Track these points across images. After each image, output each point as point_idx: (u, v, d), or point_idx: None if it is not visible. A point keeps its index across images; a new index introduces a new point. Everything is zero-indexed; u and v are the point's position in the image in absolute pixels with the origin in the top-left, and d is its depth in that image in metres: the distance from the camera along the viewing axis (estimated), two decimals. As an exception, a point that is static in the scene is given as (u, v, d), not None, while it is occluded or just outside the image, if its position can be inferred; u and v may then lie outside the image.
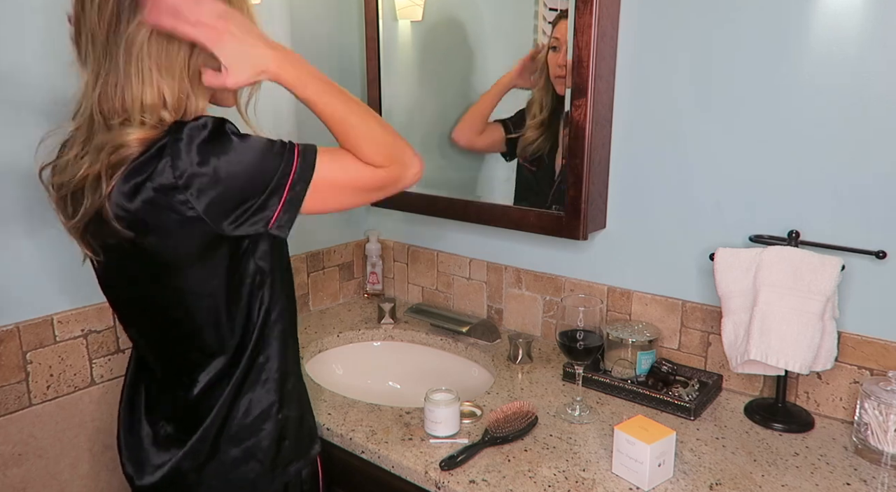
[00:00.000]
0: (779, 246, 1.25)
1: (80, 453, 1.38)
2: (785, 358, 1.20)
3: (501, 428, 1.19)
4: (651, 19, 1.36)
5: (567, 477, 1.09)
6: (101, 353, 1.38)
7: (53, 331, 1.31)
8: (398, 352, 1.70)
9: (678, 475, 1.09)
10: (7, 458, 1.27)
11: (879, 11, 1.13)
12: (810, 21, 1.20)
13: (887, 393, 1.12)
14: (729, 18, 1.27)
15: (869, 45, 1.15)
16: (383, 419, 1.28)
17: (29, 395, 1.29)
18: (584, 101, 1.36)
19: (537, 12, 1.47)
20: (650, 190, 1.43)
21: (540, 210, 1.49)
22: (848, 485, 1.08)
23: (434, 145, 1.74)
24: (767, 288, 1.23)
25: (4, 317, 1.25)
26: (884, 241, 1.19)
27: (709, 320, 1.40)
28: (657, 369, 1.38)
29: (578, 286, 1.56)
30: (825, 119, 1.21)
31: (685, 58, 1.33)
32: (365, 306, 1.87)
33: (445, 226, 1.76)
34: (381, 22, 1.70)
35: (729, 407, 1.32)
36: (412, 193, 1.73)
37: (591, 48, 1.33)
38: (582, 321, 1.24)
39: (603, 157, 1.44)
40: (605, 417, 1.29)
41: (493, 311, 1.73)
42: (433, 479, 1.10)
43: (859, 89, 1.17)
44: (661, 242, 1.44)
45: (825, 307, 1.19)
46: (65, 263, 1.30)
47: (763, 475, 1.10)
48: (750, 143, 1.29)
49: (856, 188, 1.20)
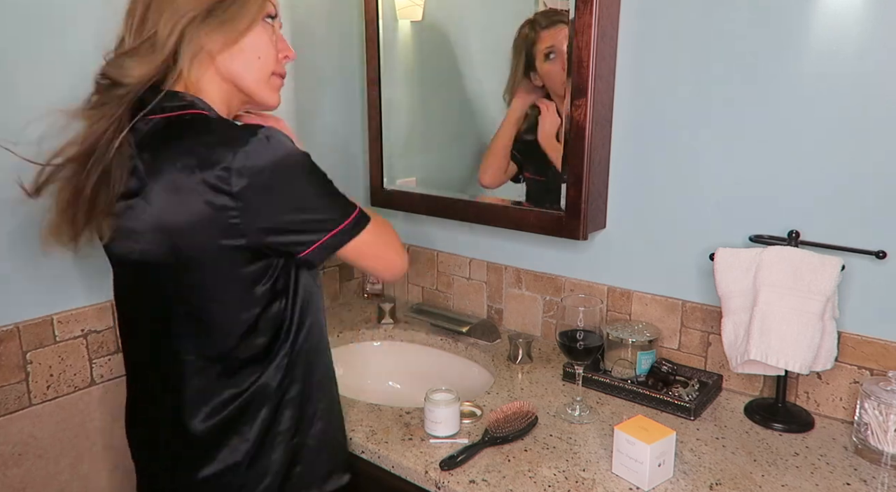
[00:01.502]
0: (779, 246, 1.25)
1: (80, 453, 1.38)
2: (785, 358, 1.20)
3: (501, 428, 1.19)
4: (651, 19, 1.36)
5: (567, 477, 1.09)
6: (101, 353, 1.38)
7: (53, 331, 1.31)
8: (398, 352, 1.70)
9: (678, 475, 1.09)
10: (7, 458, 1.27)
11: (880, 10, 1.14)
12: (811, 20, 1.20)
13: (887, 393, 1.12)
14: (728, 18, 1.27)
15: (869, 45, 1.15)
16: (383, 419, 1.28)
17: (29, 395, 1.29)
18: (584, 101, 1.36)
19: (536, 12, 1.47)
20: (650, 190, 1.43)
21: (540, 210, 1.49)
22: (848, 485, 1.08)
23: (434, 145, 1.74)
24: (767, 288, 1.23)
25: (4, 317, 1.25)
26: (884, 241, 1.19)
27: (709, 320, 1.40)
28: (657, 369, 1.38)
29: (578, 286, 1.56)
30: (825, 119, 1.21)
31: (685, 58, 1.33)
32: (365, 306, 1.87)
33: (445, 226, 1.76)
34: (381, 22, 1.70)
35: (729, 407, 1.32)
36: (412, 193, 1.73)
37: (591, 48, 1.33)
38: (582, 321, 1.24)
39: (603, 157, 1.44)
40: (605, 417, 1.29)
41: (493, 311, 1.73)
42: (433, 479, 1.10)
43: (859, 89, 1.17)
44: (661, 242, 1.44)
45: (825, 307, 1.19)
46: (65, 263, 1.30)
47: (763, 475, 1.10)
48: (750, 142, 1.29)
49: (856, 188, 1.20)
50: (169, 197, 0.89)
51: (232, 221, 0.89)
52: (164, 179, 0.89)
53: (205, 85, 0.97)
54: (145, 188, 0.90)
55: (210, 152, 0.88)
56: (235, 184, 0.87)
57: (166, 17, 0.91)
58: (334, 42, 1.79)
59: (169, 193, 0.89)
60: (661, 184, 1.41)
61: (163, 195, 0.89)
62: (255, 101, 1.03)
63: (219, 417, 0.97)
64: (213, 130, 0.92)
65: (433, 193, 1.69)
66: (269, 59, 1.00)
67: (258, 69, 1.00)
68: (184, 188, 0.88)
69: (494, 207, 1.57)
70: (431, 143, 1.74)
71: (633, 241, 1.48)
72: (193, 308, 0.96)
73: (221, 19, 0.94)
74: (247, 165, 0.87)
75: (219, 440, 0.98)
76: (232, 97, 1.01)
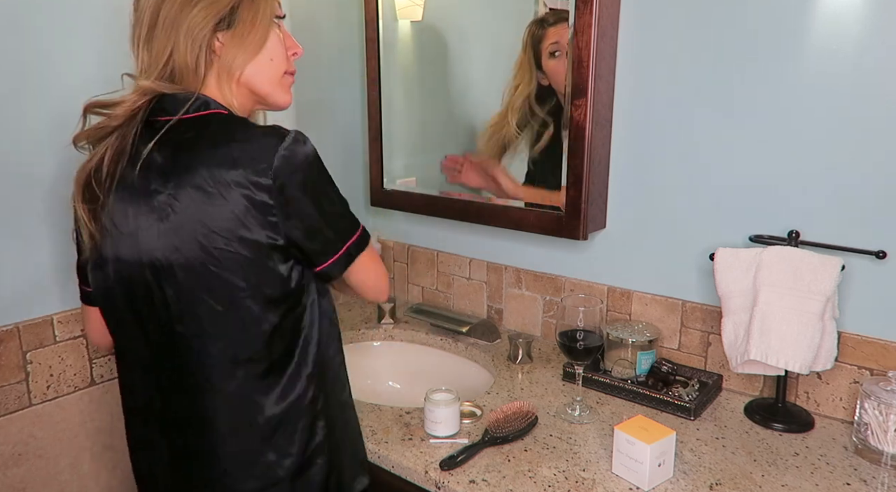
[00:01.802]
0: (779, 246, 1.25)
1: (80, 453, 1.38)
2: (785, 358, 1.20)
3: (501, 428, 1.19)
4: (651, 19, 1.36)
5: (567, 477, 1.09)
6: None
7: (53, 331, 1.31)
8: (398, 352, 1.70)
9: (678, 475, 1.09)
10: (7, 458, 1.27)
11: (880, 10, 1.13)
12: (811, 20, 1.20)
13: (887, 393, 1.12)
14: (728, 19, 1.27)
15: (869, 44, 1.15)
16: (383, 419, 1.28)
17: (29, 395, 1.29)
18: (584, 101, 1.36)
19: (537, 12, 1.47)
20: (650, 190, 1.43)
21: (540, 210, 1.49)
22: (848, 485, 1.08)
23: (433, 145, 1.74)
24: (767, 288, 1.23)
25: (4, 317, 1.25)
26: (884, 241, 1.19)
27: (709, 320, 1.40)
28: (657, 369, 1.38)
29: (578, 286, 1.56)
30: (825, 119, 1.21)
31: (685, 58, 1.33)
32: (365, 306, 1.87)
33: (445, 226, 1.76)
34: (381, 22, 1.70)
35: (729, 407, 1.32)
36: (412, 193, 1.73)
37: (591, 48, 1.33)
38: (582, 321, 1.24)
39: (603, 157, 1.44)
40: (605, 417, 1.29)
41: (493, 311, 1.73)
42: (433, 479, 1.10)
43: (859, 89, 1.17)
44: (662, 242, 1.44)
45: (825, 307, 1.19)
46: (65, 263, 1.30)
47: (763, 475, 1.10)
48: (750, 142, 1.29)
49: (856, 188, 1.20)
50: (203, 195, 0.88)
51: (271, 219, 0.89)
52: (198, 176, 0.88)
53: (220, 91, 0.96)
54: (170, 186, 0.90)
55: (249, 150, 0.88)
56: (276, 181, 0.88)
57: (183, 41, 0.91)
58: (334, 42, 1.79)
59: (203, 190, 0.88)
60: (661, 184, 1.41)
61: (194, 193, 0.89)
62: (269, 102, 1.02)
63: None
64: (247, 129, 0.92)
65: (433, 193, 1.69)
66: (280, 59, 1.00)
67: (272, 71, 0.99)
68: (222, 184, 0.88)
69: (494, 207, 1.57)
70: (431, 143, 1.74)
71: (633, 241, 1.48)
72: (223, 308, 0.93)
73: (240, 36, 0.94)
74: (285, 165, 0.88)
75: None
76: (246, 100, 1.00)
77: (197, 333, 0.94)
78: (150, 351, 0.99)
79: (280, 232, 0.90)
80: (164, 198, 0.90)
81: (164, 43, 0.91)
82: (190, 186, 0.89)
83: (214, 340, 0.94)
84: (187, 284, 0.92)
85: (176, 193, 0.90)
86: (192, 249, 0.90)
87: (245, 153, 0.88)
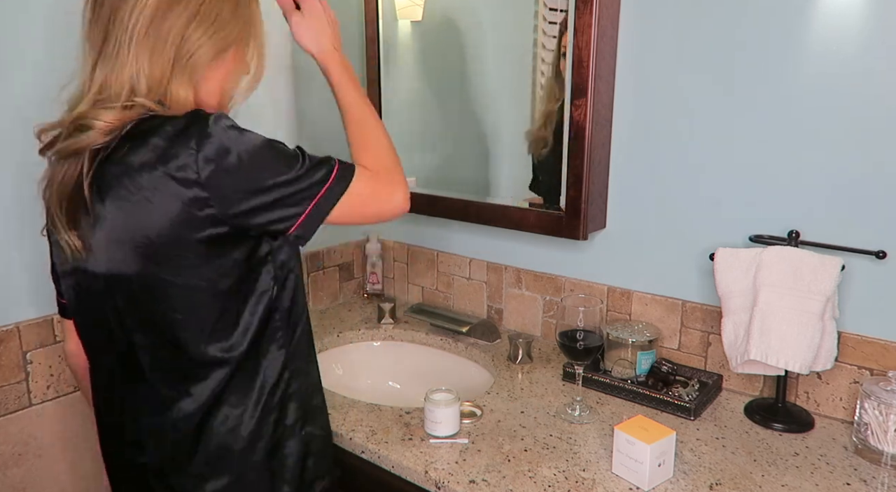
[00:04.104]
0: (779, 246, 1.25)
1: (80, 453, 1.38)
2: (785, 358, 1.20)
3: None
4: (651, 19, 1.36)
5: (567, 477, 1.09)
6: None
7: (53, 331, 1.31)
8: (398, 352, 1.70)
9: (678, 475, 1.09)
10: (7, 458, 1.27)
11: (880, 9, 1.13)
12: (811, 20, 1.20)
13: (887, 393, 1.12)
14: (728, 18, 1.27)
15: (869, 44, 1.15)
16: (383, 419, 1.28)
17: (29, 395, 1.29)
18: (584, 101, 1.36)
19: (537, 12, 1.47)
20: (650, 190, 1.43)
21: (540, 210, 1.49)
22: (848, 485, 1.08)
23: (433, 145, 1.74)
24: (767, 288, 1.23)
25: (4, 317, 1.25)
26: (884, 241, 1.19)
27: (709, 320, 1.40)
28: (657, 369, 1.38)
29: (578, 286, 1.56)
30: (825, 119, 1.21)
31: (685, 58, 1.33)
32: (365, 306, 1.87)
33: (445, 226, 1.76)
34: (381, 22, 1.70)
35: (729, 407, 1.32)
36: (412, 193, 1.72)
37: (591, 48, 1.33)
38: (582, 321, 1.24)
39: (603, 157, 1.44)
40: (605, 417, 1.29)
41: (493, 311, 1.73)
42: (433, 479, 1.10)
43: (860, 89, 1.17)
44: (662, 242, 1.44)
45: (825, 307, 1.19)
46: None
47: (763, 475, 1.10)
48: (750, 142, 1.29)
49: (856, 188, 1.20)
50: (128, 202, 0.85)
51: (208, 212, 0.85)
52: (124, 183, 0.85)
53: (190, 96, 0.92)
54: (104, 198, 0.87)
55: (168, 144, 0.83)
56: (202, 173, 0.83)
57: (153, 59, 0.87)
58: (334, 42, 1.78)
59: (127, 198, 0.85)
60: (661, 184, 1.41)
61: (120, 202, 0.86)
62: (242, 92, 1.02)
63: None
64: (165, 123, 0.86)
65: (433, 193, 1.69)
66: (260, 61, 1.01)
67: (240, 79, 1.00)
68: (147, 190, 0.84)
69: (494, 207, 1.57)
70: (431, 143, 1.74)
71: (633, 241, 1.48)
72: (182, 315, 0.91)
73: (222, 50, 0.93)
74: (211, 149, 0.83)
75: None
76: (223, 97, 0.99)
77: (154, 341, 0.93)
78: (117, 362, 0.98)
79: (221, 222, 0.86)
80: (100, 211, 0.88)
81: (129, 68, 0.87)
82: (117, 198, 0.86)
83: (192, 337, 0.92)
84: (141, 294, 0.91)
85: (109, 206, 0.87)
86: (137, 261, 0.88)
87: (166, 149, 0.83)
